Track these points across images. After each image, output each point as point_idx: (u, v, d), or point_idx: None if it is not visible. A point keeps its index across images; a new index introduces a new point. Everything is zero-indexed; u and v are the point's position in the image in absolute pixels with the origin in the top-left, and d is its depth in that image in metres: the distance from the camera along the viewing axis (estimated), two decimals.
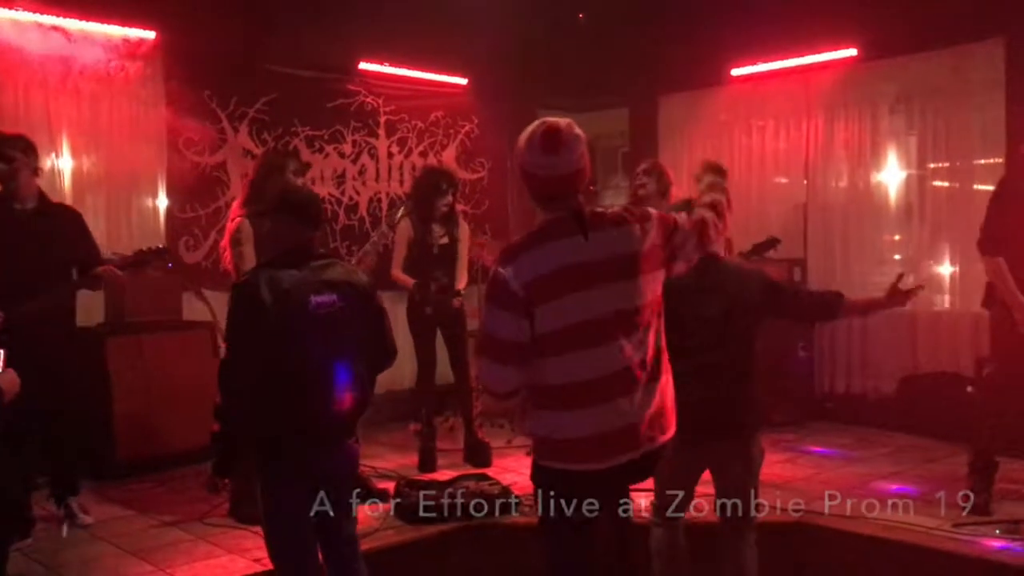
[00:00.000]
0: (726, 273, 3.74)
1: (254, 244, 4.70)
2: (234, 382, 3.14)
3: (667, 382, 2.80)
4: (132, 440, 5.70)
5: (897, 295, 3.79)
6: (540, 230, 2.72)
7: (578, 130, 2.75)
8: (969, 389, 6.21)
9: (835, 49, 7.11)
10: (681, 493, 3.83)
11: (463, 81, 8.13)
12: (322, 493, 3.23)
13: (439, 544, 4.54)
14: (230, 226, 4.87)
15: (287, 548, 3.22)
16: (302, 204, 3.26)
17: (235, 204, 5.08)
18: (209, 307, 6.42)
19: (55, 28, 5.95)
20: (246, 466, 4.86)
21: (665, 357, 2.81)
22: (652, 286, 2.75)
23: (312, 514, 3.22)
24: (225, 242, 4.95)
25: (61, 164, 6.06)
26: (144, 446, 5.72)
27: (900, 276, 3.84)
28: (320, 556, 3.31)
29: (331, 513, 3.27)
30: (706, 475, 3.80)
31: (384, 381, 3.92)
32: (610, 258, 2.67)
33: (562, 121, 2.73)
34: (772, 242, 5.23)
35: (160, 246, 4.82)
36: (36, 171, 4.50)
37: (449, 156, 8.15)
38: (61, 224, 4.55)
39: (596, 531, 2.81)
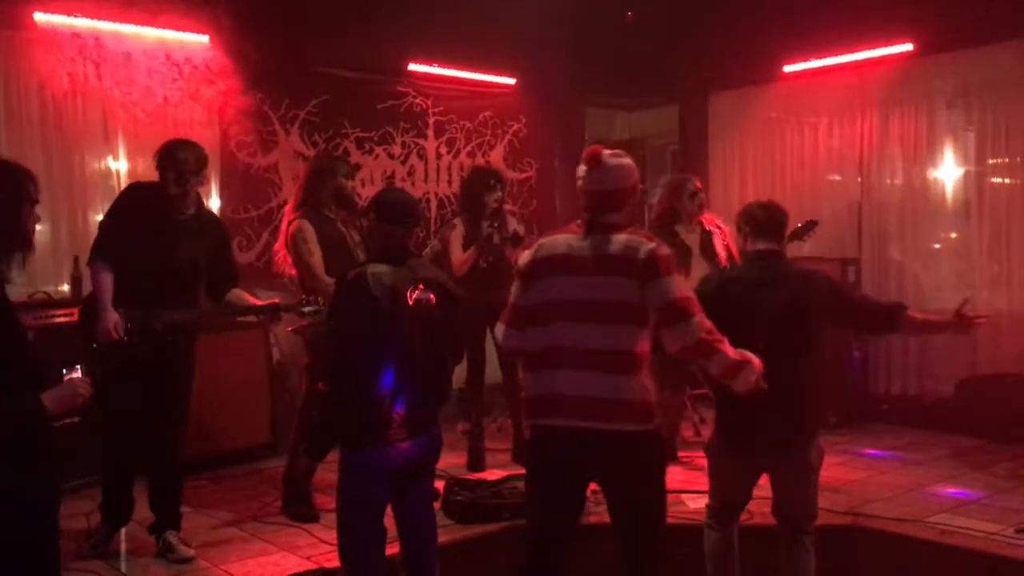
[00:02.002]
0: (789, 274, 3.70)
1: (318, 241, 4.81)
2: (340, 368, 3.23)
3: (639, 382, 3.07)
4: (186, 439, 5.77)
5: (963, 321, 3.71)
6: (564, 227, 3.29)
7: (622, 159, 3.23)
8: None
9: (890, 44, 6.97)
10: (735, 497, 3.80)
11: (511, 81, 8.13)
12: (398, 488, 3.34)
13: (487, 544, 4.55)
14: (289, 228, 4.90)
15: (356, 540, 3.28)
16: (398, 205, 3.39)
17: (288, 207, 5.13)
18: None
19: (112, 33, 6.07)
20: (298, 468, 4.94)
21: (645, 361, 3.09)
22: (627, 293, 3.05)
23: (388, 508, 3.33)
24: (280, 244, 4.99)
25: (117, 166, 6.18)
26: (198, 445, 5.77)
27: (965, 301, 3.77)
28: (399, 551, 3.41)
29: (410, 507, 3.39)
30: (764, 479, 3.76)
31: None
32: (593, 256, 3.11)
33: (611, 150, 3.24)
34: (810, 225, 5.14)
35: (318, 299, 4.52)
36: (201, 182, 4.44)
37: (497, 156, 8.15)
38: (211, 230, 4.50)
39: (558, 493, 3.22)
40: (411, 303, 3.23)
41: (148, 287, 4.20)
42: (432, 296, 3.30)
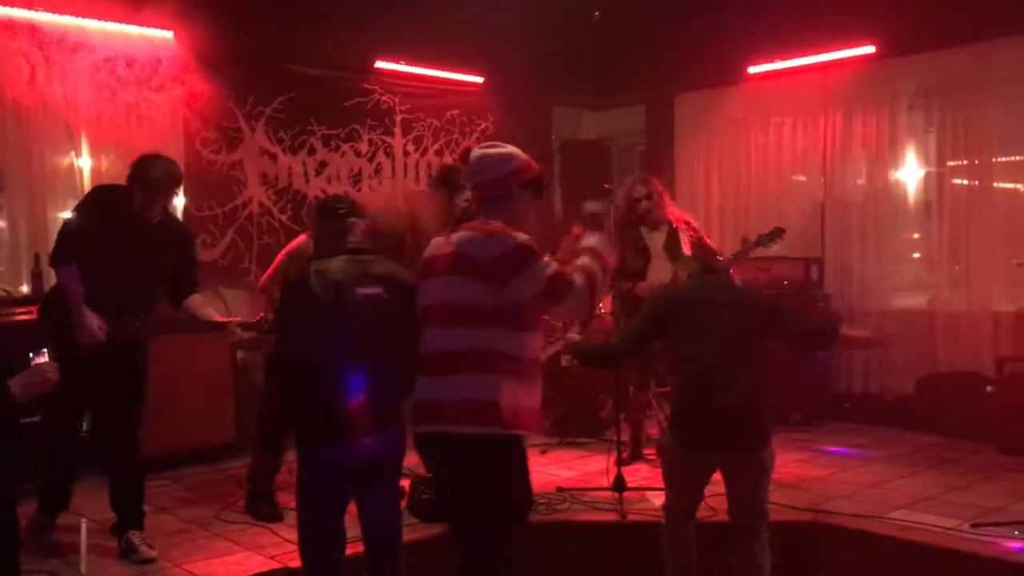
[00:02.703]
0: (730, 287, 3.99)
1: None
2: (280, 370, 3.32)
3: (467, 380, 2.91)
4: (148, 438, 5.70)
5: (881, 337, 4.02)
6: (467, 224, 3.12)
7: (488, 149, 3.14)
8: (989, 389, 6.16)
9: (853, 46, 7.07)
10: (690, 495, 3.86)
11: (479, 79, 8.13)
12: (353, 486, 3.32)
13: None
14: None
15: (313, 539, 3.27)
16: (342, 202, 3.49)
17: None
18: (226, 305, 6.47)
19: (75, 27, 5.99)
20: (262, 464, 4.92)
21: (480, 359, 2.90)
22: (479, 295, 2.91)
23: (348, 505, 3.30)
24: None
25: (80, 162, 6.10)
26: (161, 444, 5.72)
27: (879, 328, 4.10)
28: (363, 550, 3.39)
29: (372, 507, 3.37)
30: (717, 475, 3.81)
31: None
32: (451, 256, 2.99)
33: (489, 143, 3.20)
34: (777, 232, 5.21)
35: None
36: (171, 199, 4.45)
37: None
38: (176, 236, 4.50)
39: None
40: (359, 299, 3.21)
41: (111, 293, 4.19)
42: (382, 291, 3.26)
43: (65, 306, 4.16)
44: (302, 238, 4.96)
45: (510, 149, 3.13)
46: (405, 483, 5.08)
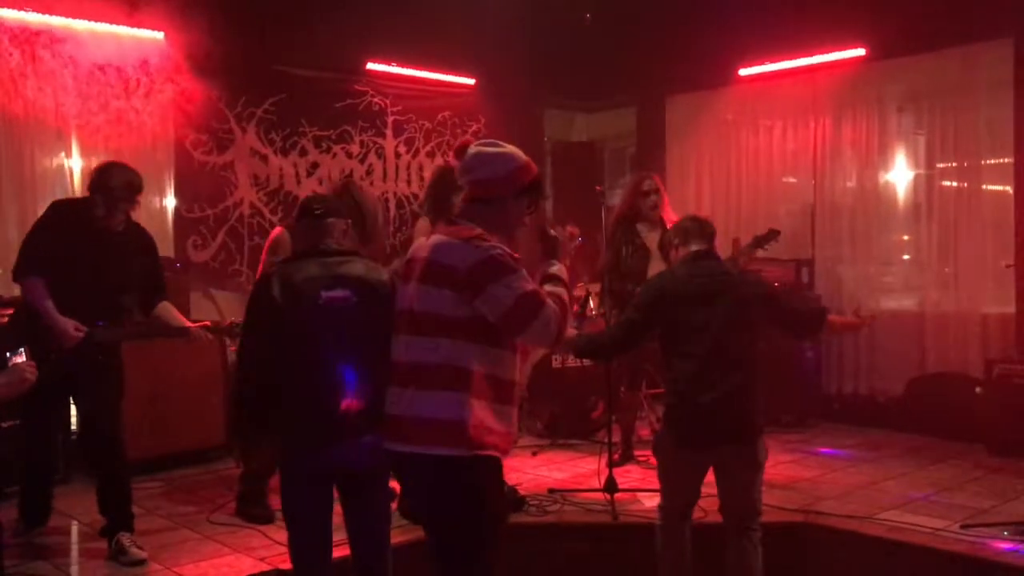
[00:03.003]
0: (724, 277, 3.81)
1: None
2: (246, 376, 3.23)
3: (432, 396, 2.74)
4: (139, 440, 5.70)
5: (862, 320, 4.21)
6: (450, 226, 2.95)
7: (487, 148, 2.92)
8: (978, 390, 6.19)
9: (843, 49, 7.10)
10: (685, 495, 3.85)
11: (471, 81, 8.14)
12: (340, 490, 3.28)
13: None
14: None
15: (300, 544, 3.25)
16: (319, 203, 3.39)
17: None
18: (217, 307, 6.47)
19: (65, 28, 5.98)
20: (255, 466, 4.91)
21: (448, 374, 2.72)
22: (449, 306, 2.72)
23: (331, 509, 3.26)
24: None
25: (71, 163, 6.09)
26: (152, 446, 5.72)
27: (858, 307, 4.11)
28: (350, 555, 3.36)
29: (357, 513, 3.32)
30: (710, 476, 3.81)
31: None
32: (425, 260, 2.82)
33: (488, 142, 2.97)
34: (772, 234, 5.24)
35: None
36: (132, 207, 4.40)
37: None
38: (140, 245, 4.50)
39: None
40: (323, 302, 3.12)
41: (78, 304, 4.18)
42: (350, 294, 3.16)
43: (36, 311, 4.17)
44: (278, 230, 4.93)
45: (510, 149, 2.91)
46: (396, 485, 5.09)
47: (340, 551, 3.36)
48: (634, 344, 3.96)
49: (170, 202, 6.62)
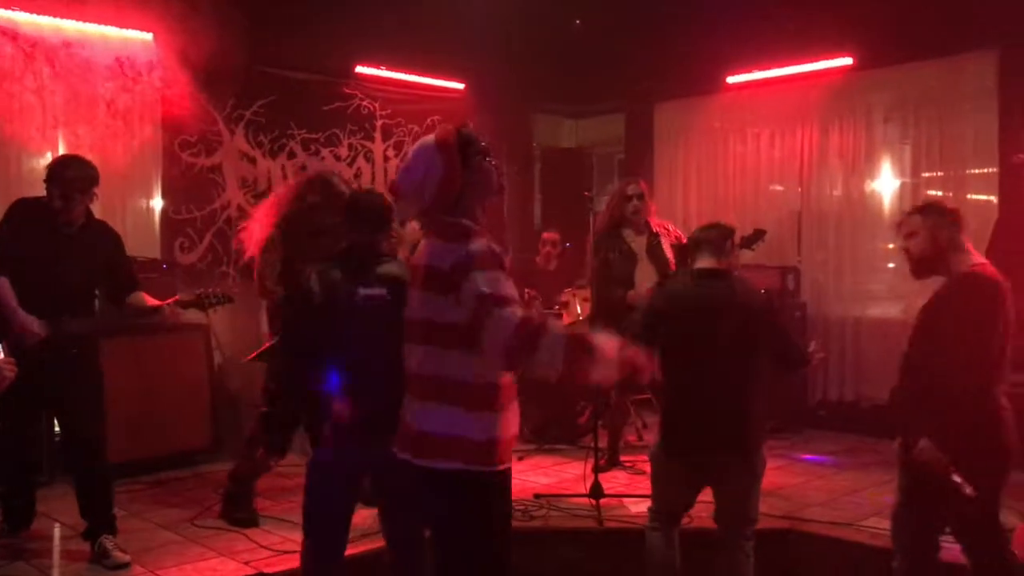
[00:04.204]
0: (728, 292, 3.77)
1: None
2: (284, 369, 3.38)
3: (450, 413, 2.65)
4: (124, 442, 5.68)
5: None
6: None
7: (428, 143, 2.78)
8: None
9: (830, 58, 7.14)
10: (678, 503, 3.85)
11: (460, 86, 8.15)
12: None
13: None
14: None
15: (318, 543, 3.34)
16: (364, 208, 3.48)
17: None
18: (204, 310, 6.42)
19: (53, 28, 5.95)
20: (240, 470, 4.89)
21: (447, 386, 2.65)
22: (441, 311, 2.62)
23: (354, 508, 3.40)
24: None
25: None
26: (136, 448, 5.70)
27: (813, 348, 4.06)
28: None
29: (392, 513, 3.42)
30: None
31: None
32: (418, 267, 2.74)
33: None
34: (759, 234, 5.28)
35: (220, 291, 4.62)
36: (90, 199, 4.37)
37: None
38: (102, 240, 4.48)
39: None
40: (359, 299, 3.23)
41: (42, 301, 4.15)
42: (386, 294, 3.27)
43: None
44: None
45: (417, 147, 2.79)
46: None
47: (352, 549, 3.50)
48: (653, 341, 3.78)
49: (157, 203, 6.60)
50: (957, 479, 3.23)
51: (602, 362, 2.51)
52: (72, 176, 4.24)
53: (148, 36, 6.32)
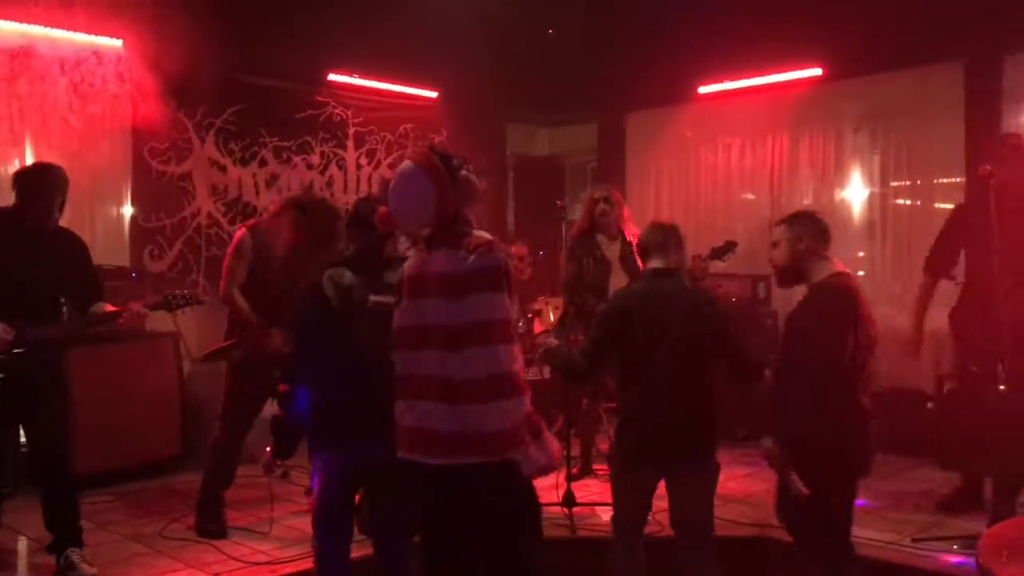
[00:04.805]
0: (681, 297, 3.77)
1: None
2: (297, 372, 3.44)
3: (482, 411, 2.76)
4: (91, 452, 5.61)
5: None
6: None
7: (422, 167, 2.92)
8: (929, 406, 6.28)
9: (800, 68, 7.22)
10: (636, 509, 3.85)
11: (433, 94, 8.15)
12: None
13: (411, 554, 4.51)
14: None
15: (321, 531, 3.45)
16: (368, 214, 3.51)
17: None
18: (174, 318, 6.37)
19: (20, 34, 5.89)
20: (210, 480, 4.85)
21: (494, 383, 2.76)
22: (477, 309, 2.77)
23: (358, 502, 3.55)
24: None
25: None
26: (103, 458, 5.63)
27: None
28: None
29: (381, 506, 3.55)
30: (662, 489, 3.82)
31: None
32: (437, 275, 2.86)
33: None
34: (730, 246, 5.32)
35: (187, 292, 4.66)
36: (62, 204, 4.33)
37: None
38: (70, 248, 4.44)
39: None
40: (371, 305, 3.33)
41: (7, 307, 4.10)
42: (394, 299, 3.29)
43: None
44: (242, 231, 4.94)
45: (402, 173, 2.95)
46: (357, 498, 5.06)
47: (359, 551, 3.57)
48: (603, 366, 3.93)
49: (127, 211, 6.54)
50: (793, 477, 3.41)
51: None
52: (63, 180, 4.23)
53: (118, 43, 6.27)
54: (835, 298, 3.49)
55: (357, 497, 4.06)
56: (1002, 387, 4.83)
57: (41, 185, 4.21)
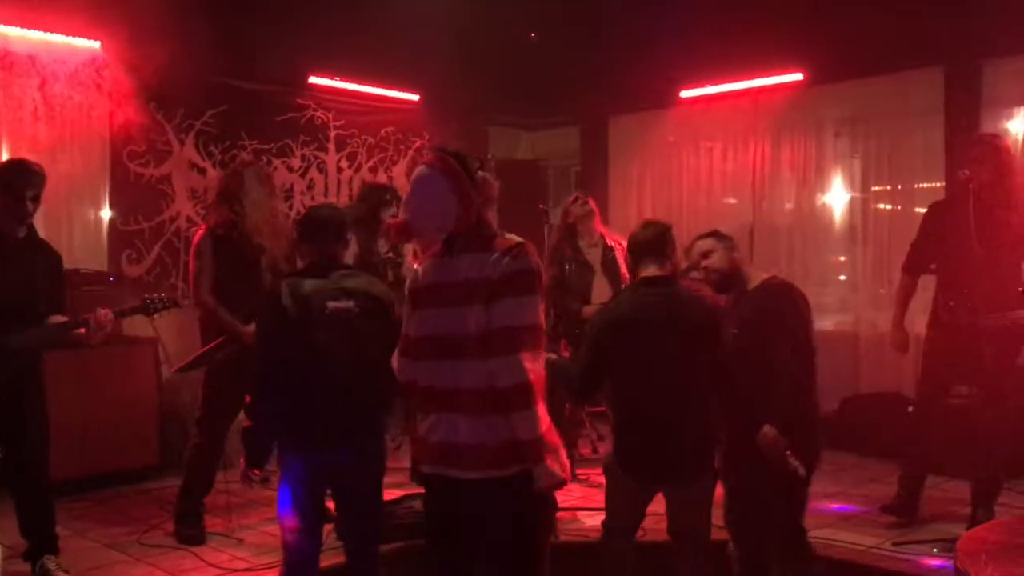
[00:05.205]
0: (675, 305, 3.65)
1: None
2: (262, 383, 3.44)
3: (517, 420, 2.63)
4: (68, 459, 5.53)
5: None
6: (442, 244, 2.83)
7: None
8: (910, 409, 6.30)
9: (782, 73, 7.24)
10: (630, 516, 3.83)
11: (414, 97, 8.12)
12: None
13: (383, 564, 4.48)
14: None
15: (289, 542, 3.44)
16: (318, 221, 3.60)
17: None
18: (152, 323, 6.31)
19: None
20: (189, 486, 4.81)
21: (513, 396, 2.62)
22: (511, 314, 2.64)
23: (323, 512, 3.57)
24: None
25: None
26: (81, 465, 5.56)
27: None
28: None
29: (348, 519, 3.56)
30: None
31: None
32: (464, 281, 2.70)
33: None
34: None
35: (165, 295, 4.59)
36: (36, 201, 4.23)
37: (400, 172, 8.12)
38: (44, 258, 4.34)
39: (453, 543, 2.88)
40: (329, 311, 3.37)
41: None
42: (353, 305, 3.42)
43: None
44: (200, 234, 4.92)
45: (423, 177, 2.80)
46: (331, 505, 5.02)
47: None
48: (599, 385, 3.78)
49: (105, 214, 6.48)
50: (793, 461, 3.51)
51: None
52: (18, 182, 4.12)
53: (95, 44, 6.21)
54: (794, 291, 3.76)
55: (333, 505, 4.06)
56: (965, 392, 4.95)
57: (34, 181, 4.13)
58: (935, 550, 4.46)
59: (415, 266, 2.94)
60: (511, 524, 2.75)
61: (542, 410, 2.65)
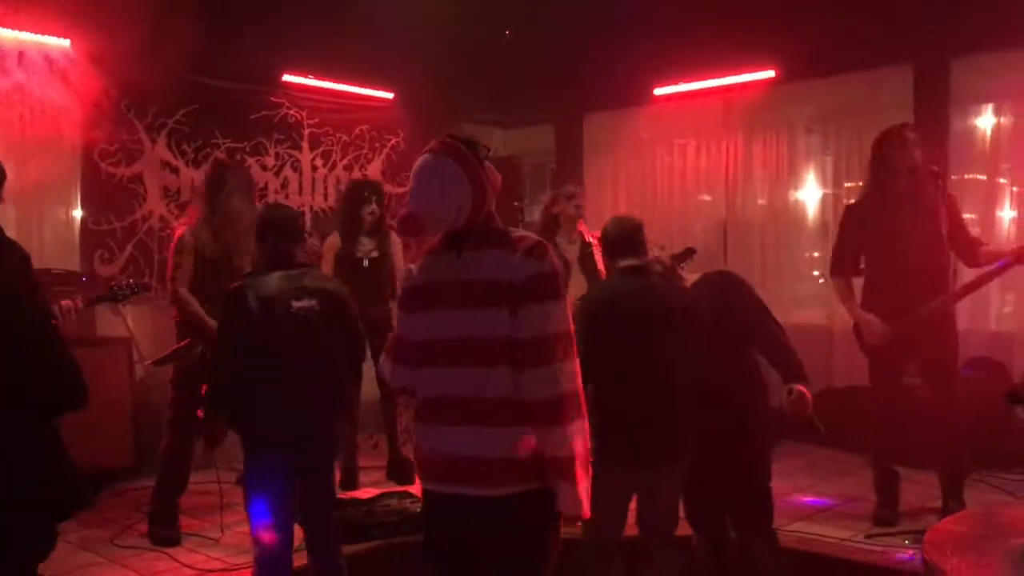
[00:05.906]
0: (653, 294, 3.70)
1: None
2: (220, 381, 3.51)
3: (513, 434, 2.46)
4: None
5: None
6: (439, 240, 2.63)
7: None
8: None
9: (754, 71, 7.29)
10: (614, 515, 3.82)
11: (389, 95, 8.10)
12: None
13: (360, 563, 4.49)
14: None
15: (260, 540, 3.52)
16: (278, 220, 3.67)
17: None
18: (125, 322, 6.29)
19: None
20: (163, 487, 4.79)
21: (527, 409, 2.45)
22: (539, 321, 2.44)
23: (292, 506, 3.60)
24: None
25: None
26: None
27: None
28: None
29: (311, 505, 3.65)
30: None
31: None
32: (483, 281, 2.48)
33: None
34: (688, 252, 5.37)
35: (132, 281, 4.64)
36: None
37: (375, 170, 8.10)
38: (8, 253, 4.29)
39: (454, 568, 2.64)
40: (293, 311, 3.44)
41: None
42: (315, 304, 3.50)
43: None
44: (180, 230, 4.92)
45: (429, 165, 2.54)
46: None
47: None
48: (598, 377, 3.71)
49: (76, 214, 6.42)
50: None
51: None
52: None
53: (66, 43, 6.15)
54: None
55: None
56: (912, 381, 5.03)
57: None
58: (907, 542, 4.52)
59: (409, 265, 2.74)
60: (522, 545, 2.55)
61: (578, 427, 2.46)
